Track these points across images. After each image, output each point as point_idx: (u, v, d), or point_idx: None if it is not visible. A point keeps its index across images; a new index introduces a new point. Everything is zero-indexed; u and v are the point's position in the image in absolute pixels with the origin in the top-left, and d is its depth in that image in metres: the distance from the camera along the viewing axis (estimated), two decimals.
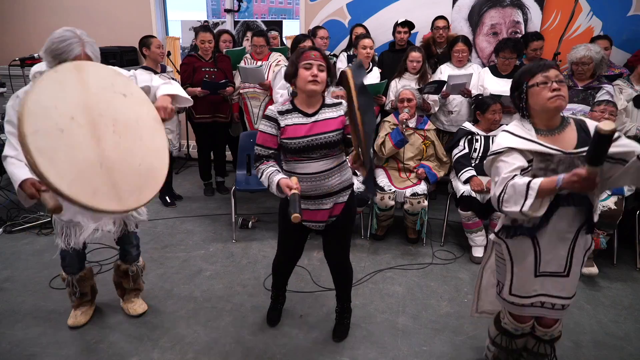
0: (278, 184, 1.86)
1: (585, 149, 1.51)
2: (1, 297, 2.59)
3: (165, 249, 3.20)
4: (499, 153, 1.65)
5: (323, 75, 1.89)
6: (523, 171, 1.62)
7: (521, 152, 1.62)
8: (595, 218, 1.69)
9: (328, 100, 2.03)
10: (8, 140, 1.84)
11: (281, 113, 1.97)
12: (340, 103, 2.03)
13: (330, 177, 2.02)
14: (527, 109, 1.66)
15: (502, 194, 1.59)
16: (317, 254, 3.07)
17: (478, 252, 3.11)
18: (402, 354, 2.20)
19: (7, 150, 1.83)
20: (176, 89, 2.01)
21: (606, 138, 1.29)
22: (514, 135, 1.66)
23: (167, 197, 4.00)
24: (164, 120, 1.81)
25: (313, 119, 1.97)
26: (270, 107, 2.02)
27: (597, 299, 2.69)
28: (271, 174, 1.92)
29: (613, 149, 1.48)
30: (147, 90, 1.99)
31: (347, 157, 2.04)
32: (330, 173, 2.02)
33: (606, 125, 1.27)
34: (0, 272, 2.85)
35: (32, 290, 2.66)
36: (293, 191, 1.79)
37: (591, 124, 1.64)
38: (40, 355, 2.14)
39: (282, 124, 1.96)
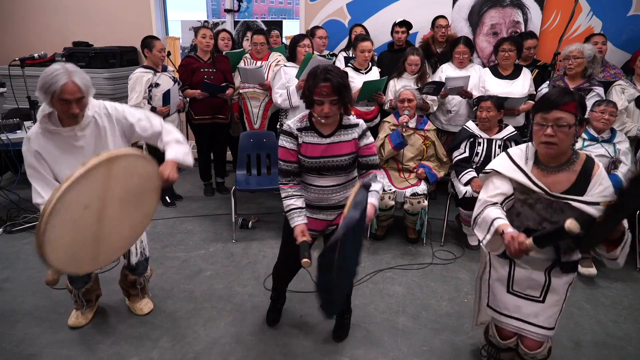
0: (294, 226, 1.95)
1: (570, 197, 1.55)
2: (1, 297, 2.59)
3: (165, 249, 3.20)
4: (489, 173, 1.71)
5: (335, 109, 1.86)
6: (507, 199, 1.65)
7: (507, 178, 1.65)
8: (576, 257, 1.70)
9: (345, 121, 1.98)
10: (33, 187, 1.89)
11: (299, 130, 1.97)
12: (357, 125, 1.98)
13: (338, 191, 2.04)
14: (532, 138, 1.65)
15: (477, 217, 1.66)
16: (317, 254, 3.07)
17: (474, 241, 3.28)
18: (402, 354, 2.21)
19: (36, 199, 1.89)
20: (183, 152, 1.98)
21: (566, 235, 1.32)
22: (509, 160, 1.67)
23: (167, 197, 4.00)
24: (163, 187, 1.88)
25: (329, 140, 1.95)
26: (288, 122, 2.01)
27: (597, 299, 2.69)
28: (292, 212, 1.98)
29: (595, 211, 1.52)
30: (156, 135, 2.03)
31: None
32: (339, 188, 2.04)
33: (573, 226, 1.30)
34: (0, 272, 2.85)
35: (32, 290, 2.66)
36: (303, 239, 1.87)
37: (598, 173, 1.58)
38: (40, 355, 2.14)
39: (300, 140, 1.97)
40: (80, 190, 1.53)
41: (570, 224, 1.30)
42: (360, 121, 2.01)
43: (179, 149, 1.98)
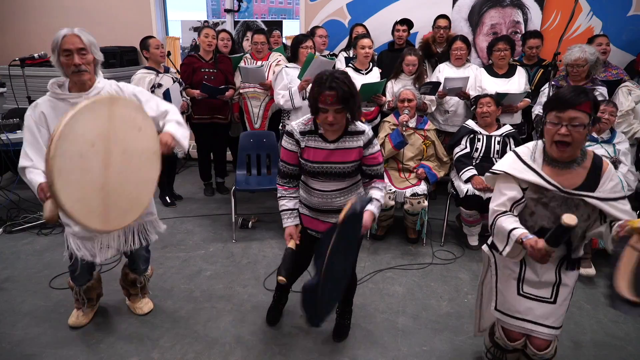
0: (284, 227, 2.01)
1: (585, 193, 1.55)
2: (1, 297, 2.59)
3: (165, 249, 3.20)
4: (498, 174, 1.68)
5: (340, 117, 1.82)
6: (516, 203, 1.64)
7: (517, 179, 1.63)
8: (580, 253, 1.70)
9: (352, 127, 1.94)
10: (23, 151, 1.90)
11: (303, 133, 1.95)
12: (363, 132, 1.94)
13: (341, 196, 2.02)
14: (543, 135, 1.64)
15: (492, 226, 1.67)
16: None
17: (474, 241, 3.30)
18: (402, 354, 2.20)
19: (23, 162, 1.90)
20: (181, 132, 2.06)
21: (567, 230, 1.37)
22: (518, 159, 1.65)
23: (167, 197, 4.01)
24: (162, 154, 1.92)
25: (333, 146, 1.93)
26: (292, 124, 1.98)
27: (597, 299, 2.69)
28: (283, 213, 2.03)
29: (608, 207, 1.53)
30: (163, 115, 2.09)
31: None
32: (341, 192, 2.02)
33: (570, 220, 1.33)
34: (0, 272, 2.85)
35: (32, 290, 2.66)
36: (290, 245, 1.91)
37: (608, 169, 1.58)
38: (40, 355, 2.14)
39: (303, 144, 1.95)
40: (86, 123, 1.58)
41: (567, 218, 1.33)
42: (367, 128, 1.96)
43: (178, 128, 2.05)
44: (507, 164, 1.68)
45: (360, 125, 1.96)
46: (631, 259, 1.34)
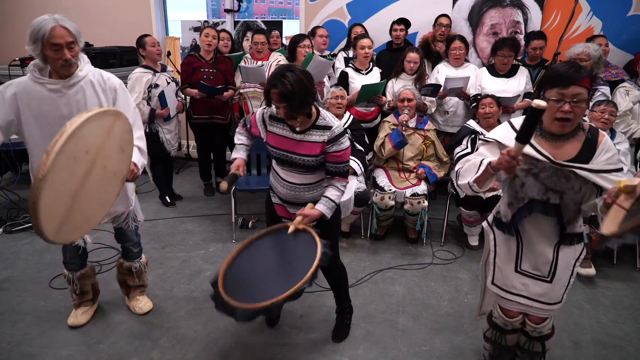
0: (232, 159, 2.09)
1: (575, 164, 1.54)
2: (1, 297, 2.59)
3: (165, 249, 3.20)
4: (487, 142, 1.69)
5: (288, 111, 1.81)
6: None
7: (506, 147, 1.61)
8: (577, 229, 1.70)
9: (320, 121, 1.93)
10: None
11: (272, 118, 1.99)
12: (330, 127, 1.91)
13: (311, 190, 2.03)
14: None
15: (461, 168, 1.69)
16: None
17: (474, 241, 3.30)
18: (402, 354, 2.20)
19: None
20: (142, 162, 2.02)
21: (536, 114, 1.33)
22: (512, 129, 1.65)
23: (167, 197, 4.01)
24: (127, 181, 1.91)
25: (299, 137, 1.93)
26: (271, 107, 1.98)
27: (597, 299, 2.69)
28: (237, 147, 2.14)
29: (599, 179, 1.52)
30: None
31: None
32: (311, 187, 2.02)
33: (541, 102, 1.31)
34: (0, 272, 2.85)
35: (32, 290, 2.66)
36: (234, 171, 1.98)
37: (604, 141, 1.58)
38: (40, 355, 2.14)
39: (269, 128, 2.00)
40: (92, 128, 1.57)
41: (537, 101, 1.31)
42: (336, 125, 1.92)
43: (139, 158, 2.01)
44: (500, 133, 1.68)
45: (331, 121, 1.93)
46: (617, 216, 1.31)
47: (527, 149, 1.58)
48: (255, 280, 1.82)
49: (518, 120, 1.66)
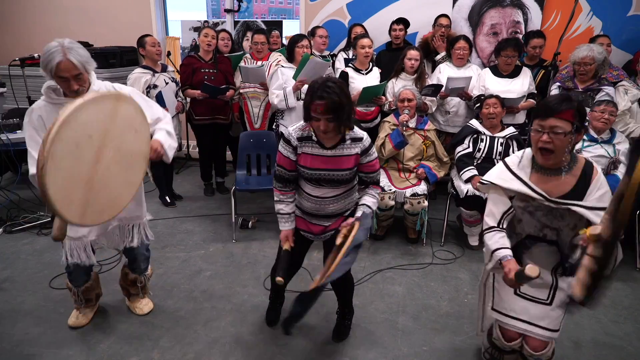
0: (281, 231, 2.06)
1: (570, 202, 1.57)
2: (1, 297, 2.59)
3: (165, 249, 3.20)
4: (488, 184, 1.74)
5: (332, 125, 1.80)
6: (506, 213, 1.70)
7: (504, 188, 1.67)
8: (575, 260, 1.70)
9: (349, 134, 1.91)
10: (30, 155, 1.89)
11: (300, 139, 1.93)
12: (361, 139, 1.92)
13: (335, 202, 2.02)
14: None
15: (482, 238, 1.77)
16: (317, 254, 3.07)
17: (474, 241, 3.30)
18: (402, 354, 2.20)
19: (33, 169, 1.88)
20: (169, 143, 2.08)
21: (528, 278, 1.45)
22: (507, 169, 1.69)
23: (167, 197, 4.01)
24: (151, 159, 1.96)
25: (330, 153, 1.91)
26: (289, 129, 1.96)
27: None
28: (280, 217, 2.05)
29: (593, 216, 1.56)
30: (155, 122, 2.11)
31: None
32: (336, 199, 2.02)
33: (531, 271, 1.42)
34: (0, 272, 2.85)
35: (32, 290, 2.66)
36: (285, 247, 1.97)
37: (597, 177, 1.59)
38: (40, 355, 2.14)
39: (299, 150, 1.94)
40: (90, 114, 1.59)
41: (529, 269, 1.42)
42: (365, 135, 1.95)
43: (167, 138, 2.08)
44: (495, 174, 1.72)
45: (359, 132, 1.94)
46: (588, 265, 1.37)
47: (521, 187, 1.63)
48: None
49: (512, 159, 1.71)
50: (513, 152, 3.14)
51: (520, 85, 3.52)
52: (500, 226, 1.70)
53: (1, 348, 2.18)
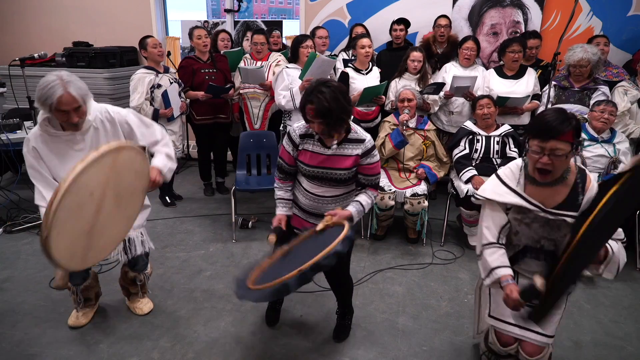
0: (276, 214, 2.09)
1: (565, 212, 1.58)
2: (1, 297, 2.59)
3: (165, 249, 3.20)
4: (483, 199, 1.73)
5: (324, 128, 1.81)
6: (503, 227, 1.69)
7: (500, 202, 1.67)
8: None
9: (352, 134, 1.93)
10: (36, 190, 1.92)
11: (302, 136, 1.97)
12: (363, 140, 1.93)
13: (334, 203, 2.03)
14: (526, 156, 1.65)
15: (479, 254, 1.75)
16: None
17: (474, 241, 3.27)
18: (402, 354, 2.21)
19: (38, 201, 1.92)
20: (169, 166, 2.08)
21: (538, 292, 1.46)
22: (501, 183, 1.68)
23: (167, 197, 4.00)
24: (148, 190, 1.96)
25: (331, 151, 1.93)
26: (294, 126, 1.99)
27: (597, 299, 2.69)
28: (278, 201, 2.10)
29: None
30: (153, 144, 2.11)
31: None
32: (335, 200, 2.03)
33: (542, 286, 1.43)
34: (0, 272, 2.85)
35: (32, 290, 2.66)
36: (278, 225, 2.01)
37: (591, 187, 1.59)
38: (40, 355, 2.14)
39: (300, 147, 1.97)
40: (91, 175, 1.58)
41: (540, 284, 1.43)
42: (368, 137, 1.96)
43: (166, 162, 2.07)
44: (489, 188, 1.72)
45: (363, 134, 1.96)
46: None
47: (516, 200, 1.63)
48: (279, 273, 1.71)
49: (505, 172, 1.70)
50: (510, 150, 3.16)
51: (525, 86, 3.52)
52: (499, 242, 1.70)
53: (1, 348, 2.18)
